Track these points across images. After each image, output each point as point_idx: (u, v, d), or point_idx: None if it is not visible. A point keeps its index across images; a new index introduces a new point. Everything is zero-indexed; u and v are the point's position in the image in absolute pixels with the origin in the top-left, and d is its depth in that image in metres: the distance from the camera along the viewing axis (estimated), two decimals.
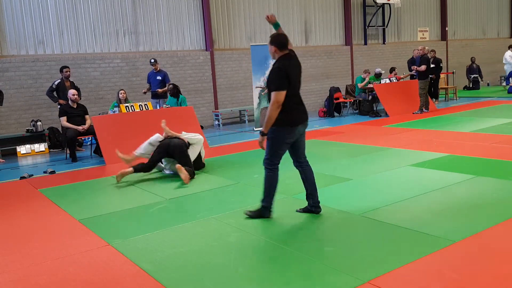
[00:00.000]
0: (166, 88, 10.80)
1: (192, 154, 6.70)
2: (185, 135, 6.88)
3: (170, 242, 4.05)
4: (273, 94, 4.12)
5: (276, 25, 4.60)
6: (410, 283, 3.02)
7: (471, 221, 4.10)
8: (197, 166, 6.90)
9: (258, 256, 3.63)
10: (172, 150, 6.53)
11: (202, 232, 4.28)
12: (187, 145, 6.67)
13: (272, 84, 4.17)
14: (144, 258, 3.73)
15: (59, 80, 9.85)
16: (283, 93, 4.12)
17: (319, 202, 4.57)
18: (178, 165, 6.25)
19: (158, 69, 11.06)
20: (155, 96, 10.99)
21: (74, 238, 4.34)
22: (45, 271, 3.62)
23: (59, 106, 9.63)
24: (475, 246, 3.55)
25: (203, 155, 7.14)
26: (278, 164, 4.45)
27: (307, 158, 4.60)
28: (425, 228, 3.96)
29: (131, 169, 6.47)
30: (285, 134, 4.28)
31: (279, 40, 4.26)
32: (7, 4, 10.45)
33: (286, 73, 4.16)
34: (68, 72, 9.82)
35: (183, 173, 6.14)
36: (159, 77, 10.94)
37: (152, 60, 10.98)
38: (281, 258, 3.57)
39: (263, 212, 4.53)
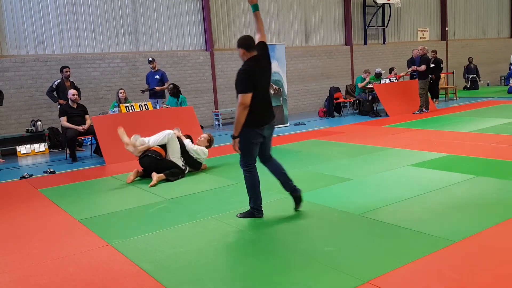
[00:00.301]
0: (164, 86, 10.78)
1: (174, 155, 6.68)
2: (191, 146, 6.88)
3: (170, 242, 4.05)
4: (239, 96, 4.19)
5: (255, 6, 4.55)
6: (410, 283, 3.01)
7: (471, 221, 4.10)
8: (194, 166, 6.93)
9: (258, 256, 3.63)
10: (153, 169, 6.52)
11: (202, 232, 4.28)
12: (158, 157, 6.54)
13: (238, 87, 4.22)
14: (144, 258, 3.73)
15: (59, 80, 9.85)
16: (248, 95, 4.17)
17: (295, 186, 4.60)
18: (153, 174, 6.38)
19: (156, 68, 11.06)
20: (154, 95, 10.99)
21: (74, 238, 4.34)
22: (45, 271, 3.62)
23: (59, 106, 9.63)
24: (475, 246, 3.55)
25: (200, 156, 7.06)
26: (254, 163, 4.51)
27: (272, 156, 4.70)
28: (425, 228, 3.96)
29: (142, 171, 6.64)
30: (252, 134, 4.36)
31: (246, 42, 4.34)
32: (7, 4, 10.45)
33: (251, 76, 4.21)
34: (68, 72, 9.83)
35: (156, 176, 6.31)
36: (157, 76, 10.93)
37: (150, 59, 10.96)
38: (281, 258, 3.57)
39: (253, 213, 4.56)
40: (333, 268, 3.30)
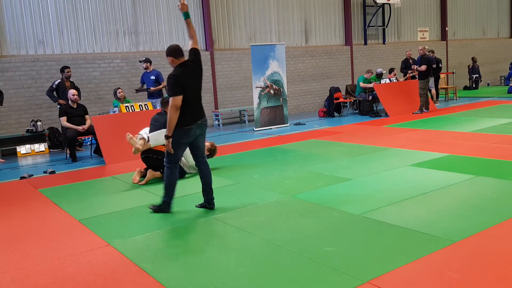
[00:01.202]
0: (160, 86, 10.74)
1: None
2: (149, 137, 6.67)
3: (170, 242, 4.05)
4: (170, 99, 4.57)
5: (186, 14, 4.84)
6: (410, 283, 3.01)
7: (471, 221, 4.10)
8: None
9: (258, 256, 3.63)
10: (156, 166, 6.53)
11: (202, 232, 4.28)
12: (159, 157, 6.44)
13: (169, 90, 4.63)
14: (144, 258, 3.73)
15: (59, 80, 9.86)
16: (179, 98, 4.55)
17: (212, 199, 4.98)
18: (149, 170, 6.41)
19: (151, 69, 10.91)
20: (151, 95, 10.97)
21: (74, 238, 4.34)
22: (45, 271, 3.62)
23: (58, 106, 9.63)
24: (475, 246, 3.55)
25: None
26: (177, 162, 4.89)
27: (206, 159, 5.06)
28: (425, 228, 3.96)
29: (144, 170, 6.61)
30: (179, 134, 4.70)
31: (174, 50, 4.73)
32: (7, 4, 10.45)
33: (178, 80, 4.59)
34: (70, 73, 9.85)
35: (151, 174, 6.37)
36: (152, 77, 10.82)
37: (143, 59, 10.79)
38: (281, 258, 3.57)
39: (164, 207, 4.92)
40: (333, 268, 3.30)
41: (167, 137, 4.65)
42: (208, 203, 4.99)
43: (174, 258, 3.69)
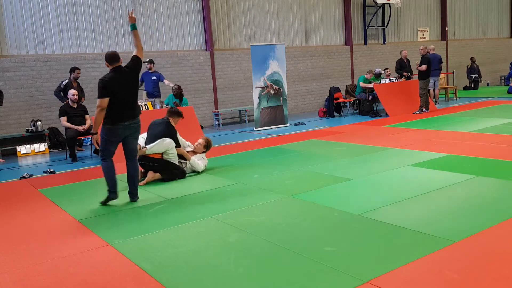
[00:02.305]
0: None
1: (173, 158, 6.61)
2: (194, 162, 6.79)
3: (170, 242, 4.05)
4: (98, 100, 5.11)
5: (133, 26, 5.44)
6: (410, 283, 3.01)
7: (471, 221, 4.10)
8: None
9: (258, 256, 3.63)
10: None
11: (202, 232, 4.28)
12: (155, 164, 6.48)
13: (98, 92, 5.13)
14: (144, 258, 3.73)
15: (67, 80, 9.90)
16: (104, 100, 5.09)
17: (133, 194, 5.46)
18: (149, 171, 6.40)
19: (153, 69, 11.03)
20: (150, 95, 11.01)
21: (74, 238, 4.34)
22: (45, 271, 3.62)
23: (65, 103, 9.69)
24: (475, 246, 3.55)
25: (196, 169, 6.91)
26: (110, 157, 5.35)
27: (136, 159, 5.54)
28: (425, 228, 3.96)
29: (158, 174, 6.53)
30: (107, 132, 5.26)
31: (108, 56, 5.27)
32: (7, 4, 10.45)
33: (107, 84, 5.11)
34: (79, 74, 9.94)
35: (152, 175, 6.35)
36: (154, 77, 10.92)
37: (148, 59, 10.91)
38: (281, 258, 3.57)
39: (110, 196, 5.36)
40: (333, 268, 3.30)
41: (92, 133, 5.35)
42: (130, 194, 5.49)
43: (174, 258, 3.69)
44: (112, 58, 5.25)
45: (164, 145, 6.48)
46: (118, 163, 5.53)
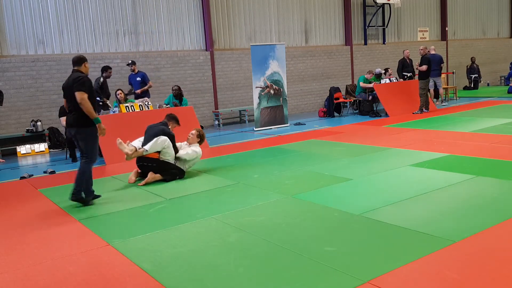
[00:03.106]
0: (146, 87, 10.82)
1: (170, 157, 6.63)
2: (182, 152, 6.73)
3: (170, 242, 4.05)
4: (82, 93, 5.31)
5: (96, 120, 5.44)
6: (410, 283, 3.01)
7: (471, 221, 4.10)
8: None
9: (258, 256, 3.63)
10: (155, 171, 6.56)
11: (202, 232, 4.28)
12: (154, 164, 6.51)
13: (85, 87, 5.38)
14: (144, 258, 3.73)
15: (102, 79, 9.93)
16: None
17: (75, 191, 5.41)
18: (150, 172, 6.37)
19: (136, 70, 11.01)
20: (138, 96, 11.02)
21: (74, 238, 4.34)
22: (45, 271, 3.62)
23: (100, 103, 9.83)
24: (475, 246, 3.55)
25: (193, 159, 6.93)
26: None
27: (87, 158, 5.53)
28: (425, 228, 3.96)
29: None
30: (95, 131, 5.52)
31: (73, 60, 5.68)
32: (7, 4, 10.45)
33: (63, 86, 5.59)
34: (111, 73, 10.02)
35: (152, 176, 6.32)
36: (138, 78, 10.93)
37: (130, 62, 10.95)
38: (281, 258, 3.57)
39: (96, 195, 5.62)
40: (333, 268, 3.30)
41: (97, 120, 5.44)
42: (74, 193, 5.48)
43: (174, 258, 3.69)
44: (74, 62, 5.67)
45: (159, 142, 6.48)
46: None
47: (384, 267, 3.26)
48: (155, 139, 6.50)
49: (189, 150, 6.82)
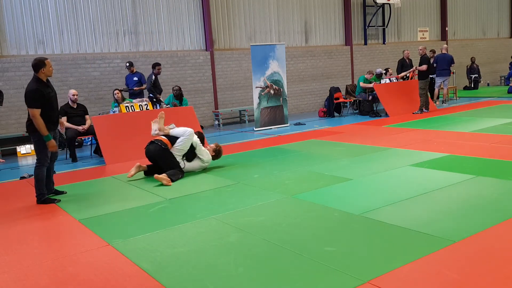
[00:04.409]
0: (143, 87, 10.94)
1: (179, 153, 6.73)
2: (177, 144, 6.79)
3: (170, 242, 4.05)
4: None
5: (47, 137, 5.54)
6: (410, 283, 3.01)
7: (471, 221, 4.10)
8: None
9: (258, 256, 3.63)
10: (156, 159, 6.60)
11: (202, 232, 4.28)
12: (163, 146, 6.59)
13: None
14: (144, 258, 3.73)
15: (154, 77, 10.26)
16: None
17: (37, 195, 5.70)
18: (155, 175, 6.33)
19: (134, 71, 11.21)
20: (133, 95, 11.08)
21: (74, 238, 4.35)
22: (45, 271, 3.62)
23: (154, 100, 10.08)
24: (475, 246, 3.55)
25: (203, 157, 6.99)
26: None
27: (37, 161, 5.70)
28: (425, 228, 3.96)
29: (145, 166, 6.72)
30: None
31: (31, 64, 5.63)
32: (7, 4, 10.45)
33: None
34: (160, 70, 10.35)
35: (163, 179, 6.25)
36: (135, 78, 11.11)
37: (127, 64, 11.13)
38: (281, 258, 3.57)
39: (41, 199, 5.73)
40: (333, 268, 3.30)
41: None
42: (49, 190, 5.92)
43: (174, 258, 3.69)
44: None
45: (186, 130, 6.72)
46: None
47: (384, 267, 3.26)
48: (182, 128, 6.80)
49: (196, 162, 6.96)
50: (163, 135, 6.78)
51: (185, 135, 6.70)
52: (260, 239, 3.99)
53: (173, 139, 6.71)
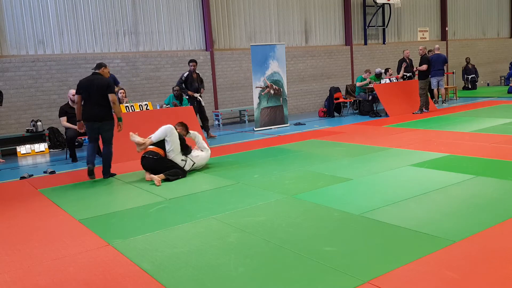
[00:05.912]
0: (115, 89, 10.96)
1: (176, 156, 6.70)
2: (195, 153, 6.96)
3: (170, 242, 4.05)
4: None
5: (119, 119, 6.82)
6: (410, 283, 3.01)
7: (471, 221, 4.10)
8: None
9: (258, 256, 3.63)
10: (154, 172, 6.53)
11: (202, 232, 4.28)
12: (155, 157, 6.55)
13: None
14: (144, 258, 3.73)
15: (188, 73, 10.51)
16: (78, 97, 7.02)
17: (105, 171, 6.96)
18: (146, 176, 6.36)
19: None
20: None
21: (74, 238, 4.34)
22: (45, 271, 3.62)
23: (186, 97, 10.31)
24: (475, 246, 3.55)
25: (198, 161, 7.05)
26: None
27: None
28: (425, 228, 3.96)
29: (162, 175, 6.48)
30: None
31: (96, 65, 7.12)
32: (7, 4, 10.45)
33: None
34: (194, 66, 10.51)
35: (154, 179, 6.27)
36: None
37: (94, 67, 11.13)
38: (281, 258, 3.57)
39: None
40: (333, 268, 3.30)
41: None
42: (104, 174, 6.93)
43: (174, 258, 3.69)
44: (96, 65, 7.05)
45: (163, 129, 6.63)
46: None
47: (384, 267, 3.26)
48: (159, 129, 6.68)
49: (203, 153, 7.03)
50: (150, 145, 6.66)
51: (167, 134, 6.58)
52: (260, 239, 3.99)
53: (161, 144, 6.64)
